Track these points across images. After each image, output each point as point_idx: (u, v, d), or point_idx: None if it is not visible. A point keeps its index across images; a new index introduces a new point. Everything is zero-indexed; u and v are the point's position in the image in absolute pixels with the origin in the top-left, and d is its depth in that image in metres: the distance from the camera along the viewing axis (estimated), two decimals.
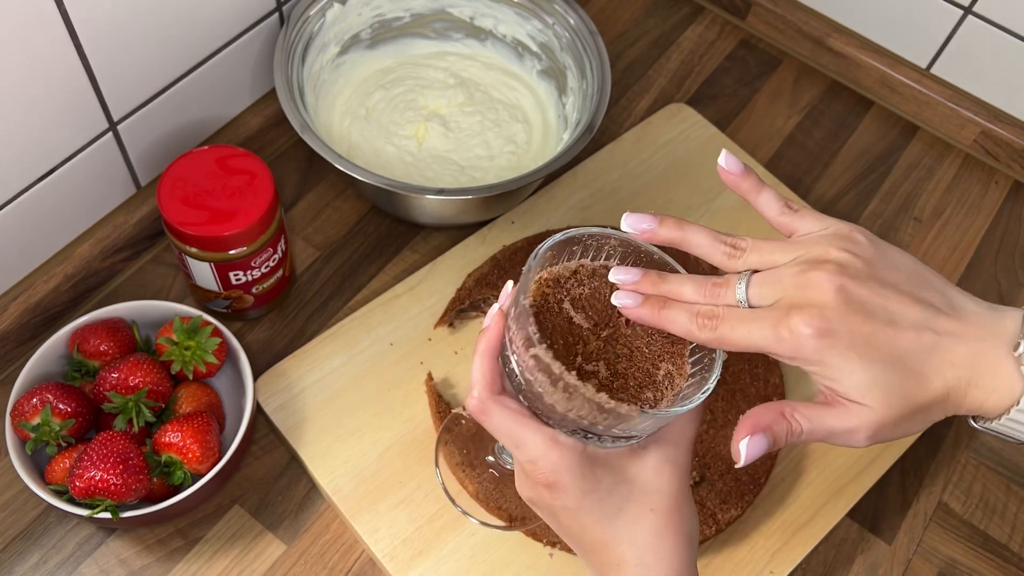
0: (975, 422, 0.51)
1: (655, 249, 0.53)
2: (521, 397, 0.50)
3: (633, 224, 0.52)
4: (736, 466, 0.49)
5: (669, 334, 0.52)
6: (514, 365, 0.50)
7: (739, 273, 0.50)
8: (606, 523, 0.51)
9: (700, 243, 0.52)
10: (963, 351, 0.48)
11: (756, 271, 0.50)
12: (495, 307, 0.52)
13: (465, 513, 0.69)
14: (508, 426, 0.50)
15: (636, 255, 0.53)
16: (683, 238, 0.52)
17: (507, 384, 0.52)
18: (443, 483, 0.70)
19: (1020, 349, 0.47)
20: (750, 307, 0.49)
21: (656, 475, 0.51)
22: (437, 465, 0.71)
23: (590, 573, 0.54)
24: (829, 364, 0.47)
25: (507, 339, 0.50)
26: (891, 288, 0.49)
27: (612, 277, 0.51)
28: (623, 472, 0.51)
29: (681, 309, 0.50)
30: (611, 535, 0.51)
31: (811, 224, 0.51)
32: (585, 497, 0.50)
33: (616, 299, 0.51)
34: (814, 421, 0.48)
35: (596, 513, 0.50)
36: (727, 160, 0.53)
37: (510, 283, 0.53)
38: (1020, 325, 0.48)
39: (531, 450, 0.50)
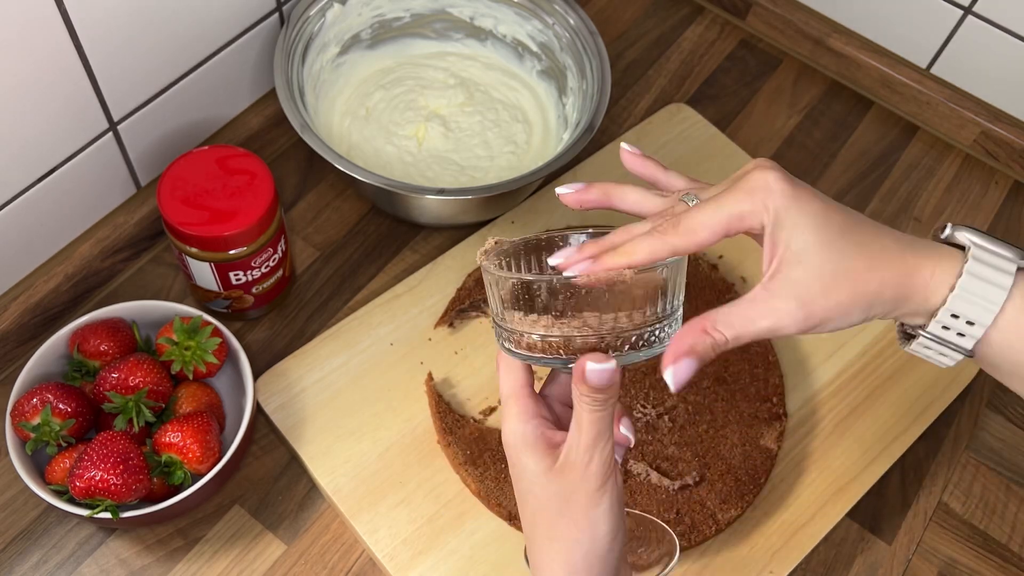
0: (909, 343, 0.49)
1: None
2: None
3: (563, 191, 0.53)
4: (673, 391, 0.47)
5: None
6: (513, 340, 0.50)
7: (682, 196, 0.50)
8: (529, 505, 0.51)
9: (631, 196, 0.52)
10: (905, 234, 0.48)
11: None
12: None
13: None
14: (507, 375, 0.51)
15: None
16: (614, 194, 0.52)
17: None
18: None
19: (947, 231, 0.49)
20: None
21: (571, 452, 0.49)
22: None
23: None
24: (791, 214, 0.46)
25: (498, 333, 0.51)
26: None
27: (552, 262, 0.49)
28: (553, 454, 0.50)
29: (638, 236, 0.48)
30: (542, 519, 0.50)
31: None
32: (512, 469, 0.51)
33: (570, 271, 0.48)
34: (738, 325, 0.47)
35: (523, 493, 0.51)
36: (629, 145, 0.55)
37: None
38: (935, 233, 0.50)
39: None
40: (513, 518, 0.69)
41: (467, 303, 0.77)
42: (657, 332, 0.49)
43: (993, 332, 0.47)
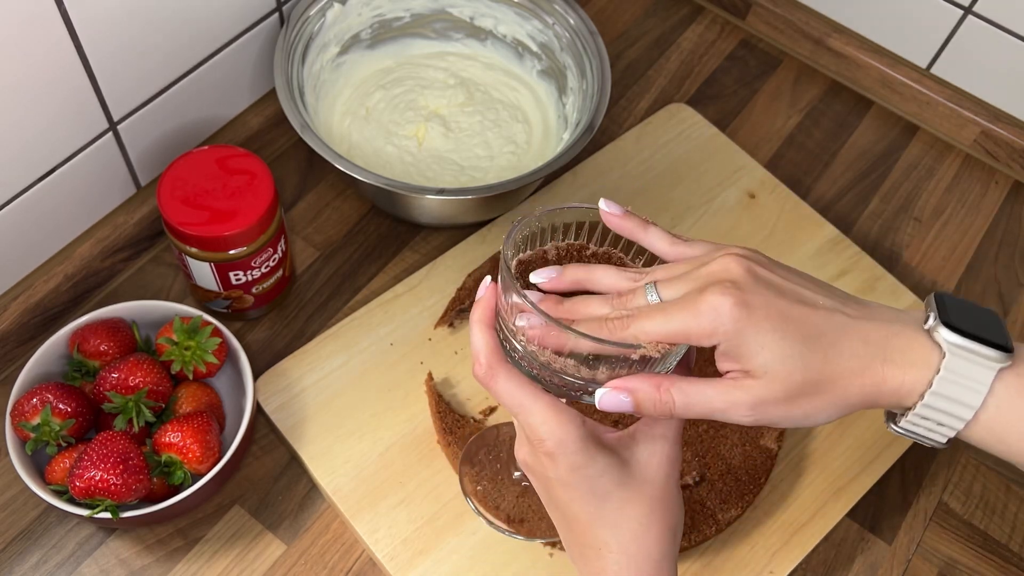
0: (892, 423, 0.50)
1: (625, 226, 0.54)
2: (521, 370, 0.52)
3: (537, 278, 0.53)
4: (596, 405, 0.50)
5: None
6: (511, 340, 0.51)
7: (646, 284, 0.50)
8: (594, 504, 0.51)
9: (605, 282, 0.53)
10: (876, 330, 0.48)
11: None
12: (486, 279, 0.53)
13: (511, 534, 0.68)
14: (513, 391, 0.50)
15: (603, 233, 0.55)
16: (586, 282, 0.53)
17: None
18: (476, 509, 0.69)
19: (929, 322, 0.48)
20: None
21: (646, 466, 0.52)
22: (466, 494, 0.70)
23: (568, 551, 0.54)
24: (745, 338, 0.46)
25: (500, 322, 0.51)
26: (796, 276, 0.50)
27: (530, 294, 0.52)
28: (617, 456, 0.52)
29: (592, 320, 0.50)
30: (596, 517, 0.51)
31: (705, 247, 0.52)
32: (576, 472, 0.50)
33: (519, 321, 0.50)
34: (692, 396, 0.48)
35: (585, 491, 0.51)
36: (607, 204, 0.54)
37: (488, 277, 0.53)
38: (925, 310, 0.49)
39: (534, 415, 0.50)
40: (512, 521, 0.69)
41: (467, 303, 0.77)
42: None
43: (973, 427, 0.47)
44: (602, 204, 0.54)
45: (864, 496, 0.74)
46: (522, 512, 0.68)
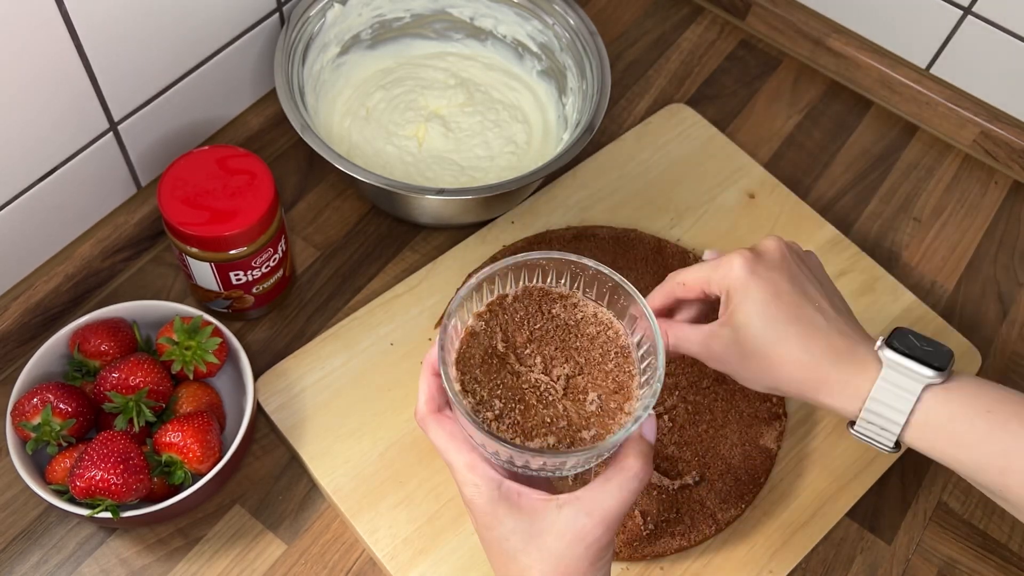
0: (851, 428, 0.57)
1: (584, 262, 0.55)
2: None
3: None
4: None
5: (612, 364, 0.54)
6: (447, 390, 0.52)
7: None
8: (502, 560, 0.52)
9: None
10: (841, 341, 0.56)
11: None
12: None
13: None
14: (440, 444, 0.53)
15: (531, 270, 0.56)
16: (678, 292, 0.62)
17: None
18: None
19: (878, 344, 0.56)
20: None
21: (557, 538, 0.50)
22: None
23: None
24: (739, 293, 0.57)
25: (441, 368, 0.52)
26: (815, 276, 0.60)
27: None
28: (529, 522, 0.51)
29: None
30: (504, 574, 0.52)
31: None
32: (485, 529, 0.52)
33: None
34: (684, 342, 0.60)
35: (495, 548, 0.52)
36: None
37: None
38: (885, 336, 0.57)
39: (455, 471, 0.52)
40: None
41: None
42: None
43: (909, 433, 0.55)
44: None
45: (864, 496, 0.74)
46: None
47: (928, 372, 0.54)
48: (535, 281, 0.55)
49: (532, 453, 0.49)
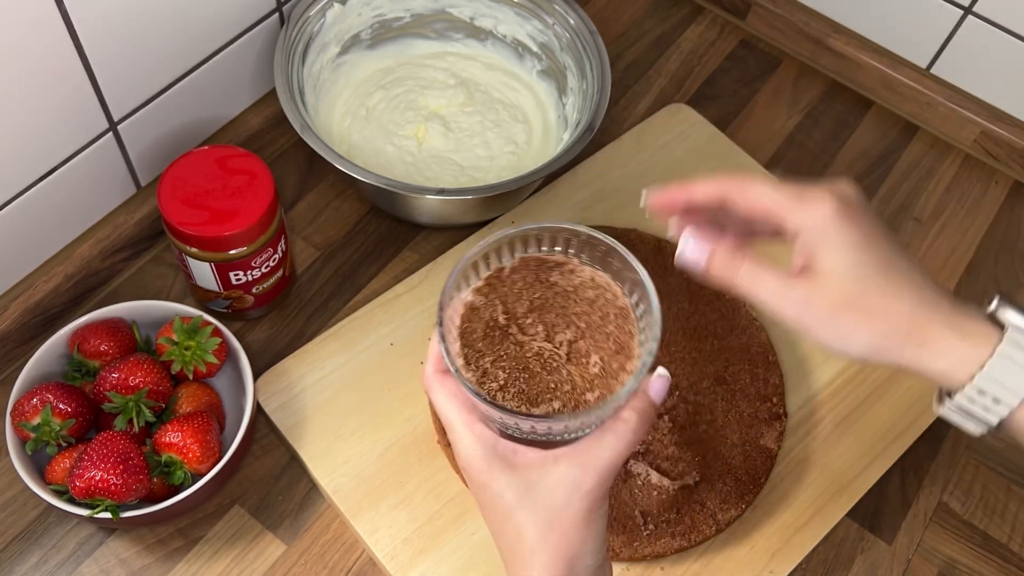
0: (944, 402, 0.49)
1: (575, 229, 0.54)
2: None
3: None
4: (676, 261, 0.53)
5: (613, 326, 0.53)
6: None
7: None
8: (498, 522, 0.51)
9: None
10: (943, 300, 0.49)
11: None
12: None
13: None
14: (442, 403, 0.52)
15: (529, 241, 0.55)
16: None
17: None
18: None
19: (993, 305, 0.48)
20: None
21: (550, 492, 0.50)
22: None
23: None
24: (830, 234, 0.49)
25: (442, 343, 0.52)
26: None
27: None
28: (523, 478, 0.50)
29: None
30: (500, 534, 0.52)
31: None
32: (480, 490, 0.52)
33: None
34: (754, 275, 0.50)
35: (489, 509, 0.52)
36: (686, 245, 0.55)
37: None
38: (983, 304, 0.49)
39: (453, 432, 0.52)
40: None
41: None
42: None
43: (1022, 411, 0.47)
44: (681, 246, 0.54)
45: (864, 496, 0.74)
46: None
47: None
48: (530, 251, 0.55)
49: (536, 419, 0.49)
